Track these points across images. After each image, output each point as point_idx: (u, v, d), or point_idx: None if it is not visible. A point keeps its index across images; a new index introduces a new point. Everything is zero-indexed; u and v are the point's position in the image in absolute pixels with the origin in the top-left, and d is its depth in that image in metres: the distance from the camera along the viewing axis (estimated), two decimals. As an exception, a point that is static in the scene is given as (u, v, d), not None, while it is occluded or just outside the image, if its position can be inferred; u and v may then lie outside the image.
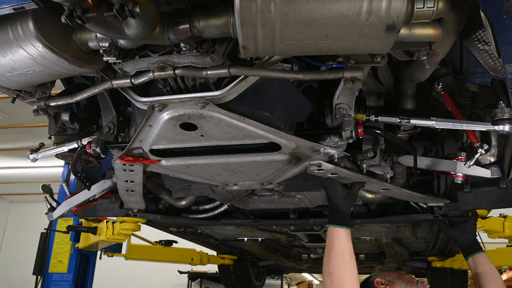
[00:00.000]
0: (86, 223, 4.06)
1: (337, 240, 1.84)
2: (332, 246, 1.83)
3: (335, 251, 1.81)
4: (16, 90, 1.62)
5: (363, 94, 1.94)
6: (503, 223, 3.23)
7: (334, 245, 1.83)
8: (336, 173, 1.94)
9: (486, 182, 2.13)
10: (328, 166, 1.87)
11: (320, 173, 1.95)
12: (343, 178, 2.00)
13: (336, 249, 1.81)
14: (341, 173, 1.94)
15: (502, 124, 1.61)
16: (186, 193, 2.34)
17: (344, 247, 1.82)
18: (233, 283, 5.85)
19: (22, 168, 10.48)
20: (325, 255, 1.83)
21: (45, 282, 4.38)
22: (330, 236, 1.86)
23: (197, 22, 1.25)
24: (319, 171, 1.92)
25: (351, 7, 1.08)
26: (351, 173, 1.94)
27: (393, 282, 2.10)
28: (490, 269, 2.13)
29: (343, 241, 1.83)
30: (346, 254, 1.81)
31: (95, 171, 2.58)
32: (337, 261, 1.78)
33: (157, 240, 4.94)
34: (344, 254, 1.80)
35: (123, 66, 1.45)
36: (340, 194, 1.97)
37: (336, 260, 1.78)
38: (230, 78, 1.52)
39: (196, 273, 9.15)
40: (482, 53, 1.41)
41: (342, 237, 1.85)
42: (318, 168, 1.89)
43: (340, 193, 1.97)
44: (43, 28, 1.27)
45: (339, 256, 1.79)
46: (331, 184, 1.99)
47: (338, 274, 1.75)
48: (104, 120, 1.99)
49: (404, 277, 2.15)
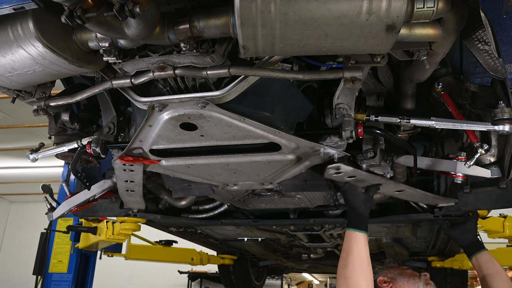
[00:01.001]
0: (86, 223, 4.07)
1: (355, 244, 1.82)
2: (350, 250, 1.80)
3: (352, 256, 1.78)
4: (16, 90, 1.62)
5: (363, 94, 1.94)
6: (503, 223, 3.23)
7: (352, 249, 1.80)
8: (355, 176, 1.90)
9: (486, 182, 2.13)
10: (347, 168, 1.82)
11: (338, 177, 1.91)
12: (360, 181, 1.96)
13: (354, 254, 1.79)
14: (359, 176, 1.90)
15: (502, 124, 1.61)
16: (186, 193, 2.34)
17: (363, 252, 1.80)
18: (233, 283, 5.85)
19: (22, 168, 10.48)
20: (341, 259, 1.81)
21: (45, 282, 4.38)
22: (348, 240, 1.84)
23: (197, 22, 1.25)
24: (337, 175, 1.88)
25: (351, 7, 1.08)
26: (369, 175, 1.92)
27: (396, 279, 2.08)
28: (495, 266, 2.12)
29: (361, 246, 1.81)
30: (364, 259, 1.78)
31: (95, 171, 2.58)
32: (355, 266, 1.76)
33: (157, 240, 4.94)
34: (362, 259, 1.78)
35: (123, 66, 1.45)
36: (360, 198, 1.94)
37: (354, 265, 1.76)
38: (230, 78, 1.52)
39: (196, 273, 9.15)
40: (482, 53, 1.41)
41: (361, 242, 1.82)
42: (336, 171, 1.85)
43: (360, 197, 1.95)
44: (43, 28, 1.27)
45: (357, 261, 1.77)
46: (351, 188, 1.96)
47: (355, 279, 1.73)
48: (104, 120, 1.99)
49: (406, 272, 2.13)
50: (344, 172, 1.85)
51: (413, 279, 2.06)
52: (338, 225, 2.98)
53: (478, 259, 2.17)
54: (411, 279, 2.07)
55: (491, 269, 2.11)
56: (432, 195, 2.21)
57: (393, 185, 2.04)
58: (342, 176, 1.90)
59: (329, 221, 2.77)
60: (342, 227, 3.05)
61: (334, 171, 1.85)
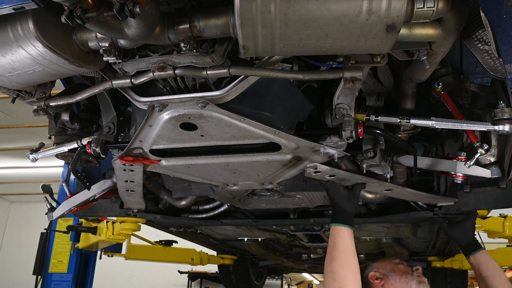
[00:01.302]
0: (86, 223, 4.06)
1: (340, 238, 1.83)
2: (334, 244, 1.81)
3: (338, 249, 1.79)
4: (16, 90, 1.62)
5: (363, 94, 1.94)
6: (503, 223, 3.23)
7: (337, 243, 1.81)
8: (334, 175, 1.93)
9: (486, 182, 2.13)
10: (324, 168, 1.86)
11: (318, 176, 1.94)
12: (343, 179, 1.99)
13: (339, 247, 1.79)
14: (338, 175, 1.93)
15: (502, 124, 1.61)
16: (186, 193, 2.34)
17: (347, 245, 1.81)
18: (233, 283, 5.85)
19: (22, 168, 10.48)
20: (327, 254, 1.82)
21: (45, 282, 4.38)
22: (333, 235, 1.85)
23: (197, 22, 1.25)
24: (316, 174, 1.92)
25: (351, 7, 1.08)
26: (349, 174, 1.94)
27: (388, 276, 2.07)
28: (493, 265, 2.13)
29: (345, 240, 1.82)
30: (349, 252, 1.79)
31: (95, 171, 2.58)
32: (341, 259, 1.76)
33: (157, 240, 4.94)
34: (348, 252, 1.79)
35: (123, 66, 1.45)
36: (342, 194, 1.96)
37: (340, 258, 1.76)
38: (230, 78, 1.52)
39: (196, 273, 9.15)
40: (482, 53, 1.41)
41: (345, 235, 1.83)
42: (315, 170, 1.88)
43: (342, 194, 1.96)
44: (43, 28, 1.27)
45: (343, 254, 1.78)
46: (332, 185, 1.99)
47: (341, 273, 1.73)
48: (104, 120, 1.99)
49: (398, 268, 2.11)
50: (322, 171, 1.88)
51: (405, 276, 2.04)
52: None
53: (476, 258, 2.17)
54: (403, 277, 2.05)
55: (491, 268, 2.12)
56: (426, 194, 2.21)
57: (377, 184, 2.05)
58: (322, 175, 1.93)
59: (329, 221, 2.76)
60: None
61: (313, 171, 1.88)
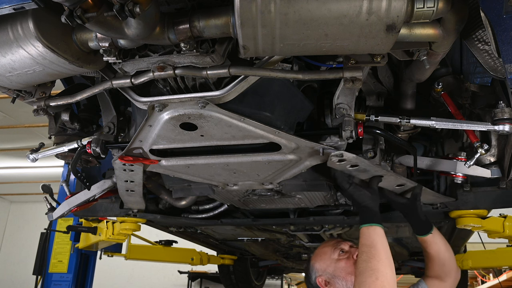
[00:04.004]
0: (86, 223, 4.06)
1: (377, 237, 1.81)
2: (372, 243, 1.79)
3: (377, 248, 1.77)
4: (16, 90, 1.62)
5: (363, 94, 1.94)
6: (503, 223, 3.22)
7: (375, 241, 1.79)
8: (357, 165, 1.87)
9: (486, 182, 2.13)
10: (350, 156, 1.79)
11: (341, 165, 1.88)
12: (362, 171, 1.94)
13: (378, 246, 1.78)
14: (362, 164, 1.87)
15: (502, 124, 1.61)
16: (186, 193, 2.34)
17: (386, 244, 1.80)
18: (233, 283, 5.85)
19: (22, 168, 10.49)
20: (363, 253, 1.78)
21: (45, 282, 4.38)
22: (368, 234, 1.83)
23: (197, 22, 1.25)
24: (340, 163, 1.85)
25: (351, 7, 1.08)
26: (372, 165, 1.89)
27: (334, 280, 1.99)
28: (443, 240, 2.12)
29: (383, 238, 1.81)
30: (388, 251, 1.78)
31: (95, 171, 2.59)
32: (381, 257, 1.74)
33: (157, 240, 4.94)
34: (387, 250, 1.78)
35: (123, 66, 1.45)
36: (367, 196, 1.93)
37: (380, 256, 1.74)
38: (230, 78, 1.52)
39: (196, 273, 9.15)
40: (482, 53, 1.41)
41: (381, 234, 1.82)
42: (339, 159, 1.81)
43: (367, 195, 1.93)
44: (43, 28, 1.27)
45: (382, 252, 1.76)
46: (356, 189, 1.95)
47: (383, 271, 1.71)
48: (104, 120, 1.99)
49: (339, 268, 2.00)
50: (347, 160, 1.82)
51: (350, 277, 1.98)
52: (338, 225, 2.98)
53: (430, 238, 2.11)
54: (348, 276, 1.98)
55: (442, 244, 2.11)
56: (433, 192, 2.20)
57: (394, 177, 2.03)
58: (345, 164, 1.86)
59: (329, 219, 2.76)
60: (342, 227, 3.06)
61: (337, 159, 1.81)
